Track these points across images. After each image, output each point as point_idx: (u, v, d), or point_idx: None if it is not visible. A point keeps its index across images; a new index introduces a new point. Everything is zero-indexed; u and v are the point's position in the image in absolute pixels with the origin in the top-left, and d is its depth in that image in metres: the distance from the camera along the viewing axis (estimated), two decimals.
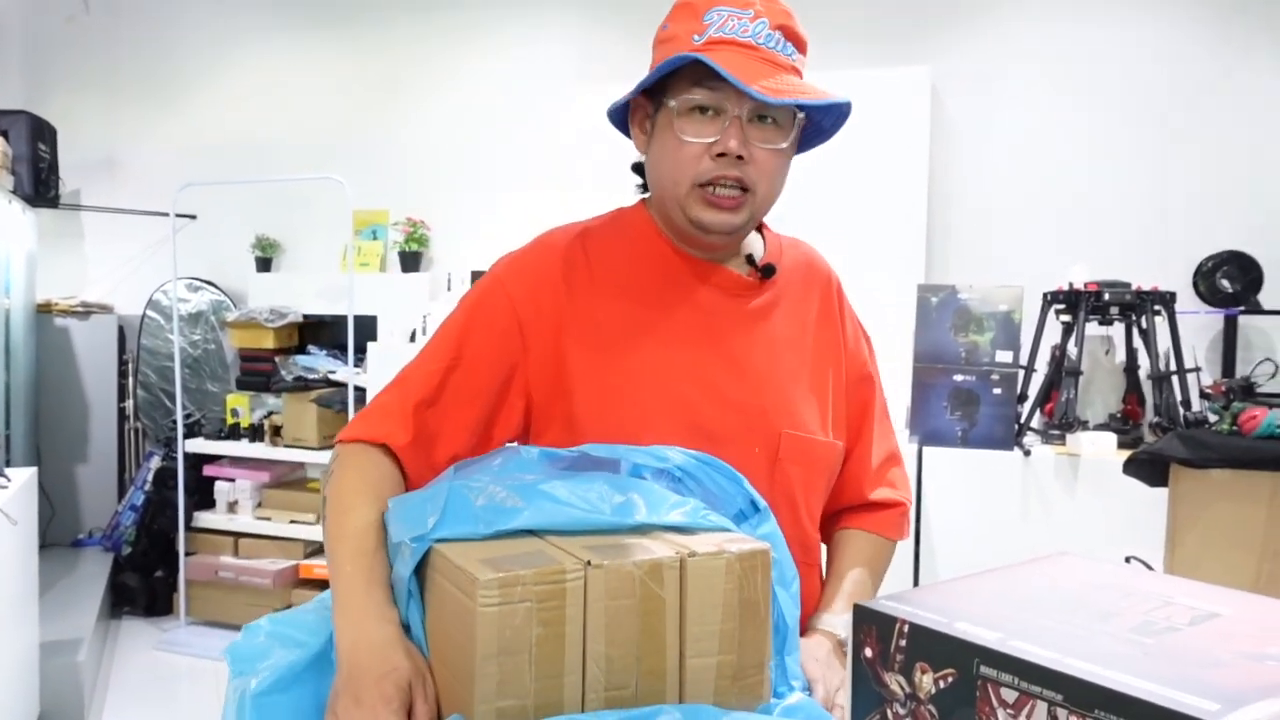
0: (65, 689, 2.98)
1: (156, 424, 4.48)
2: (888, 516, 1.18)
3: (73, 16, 4.79)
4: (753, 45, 0.97)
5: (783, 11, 1.00)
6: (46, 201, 4.25)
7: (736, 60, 0.95)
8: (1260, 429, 2.30)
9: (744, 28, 0.97)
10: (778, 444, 1.04)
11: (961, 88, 3.54)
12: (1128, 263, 3.27)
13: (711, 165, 0.98)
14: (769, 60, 0.97)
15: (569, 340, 1.04)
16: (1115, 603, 0.69)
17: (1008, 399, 2.96)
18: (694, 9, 1.00)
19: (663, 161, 1.03)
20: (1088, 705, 0.54)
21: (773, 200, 1.05)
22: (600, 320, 1.04)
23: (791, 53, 1.00)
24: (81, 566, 4.02)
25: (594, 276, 1.06)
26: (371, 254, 4.24)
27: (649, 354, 1.03)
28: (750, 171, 0.99)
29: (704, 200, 1.00)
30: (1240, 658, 0.59)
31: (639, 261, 1.08)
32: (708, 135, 0.98)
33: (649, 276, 1.07)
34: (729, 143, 0.97)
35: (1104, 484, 2.80)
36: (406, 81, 4.32)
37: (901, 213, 3.42)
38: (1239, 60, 3.25)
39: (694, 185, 0.99)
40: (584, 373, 1.03)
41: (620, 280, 1.06)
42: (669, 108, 0.99)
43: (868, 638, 0.69)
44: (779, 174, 1.03)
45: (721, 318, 1.06)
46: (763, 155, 0.99)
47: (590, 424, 1.02)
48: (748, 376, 1.05)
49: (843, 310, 1.16)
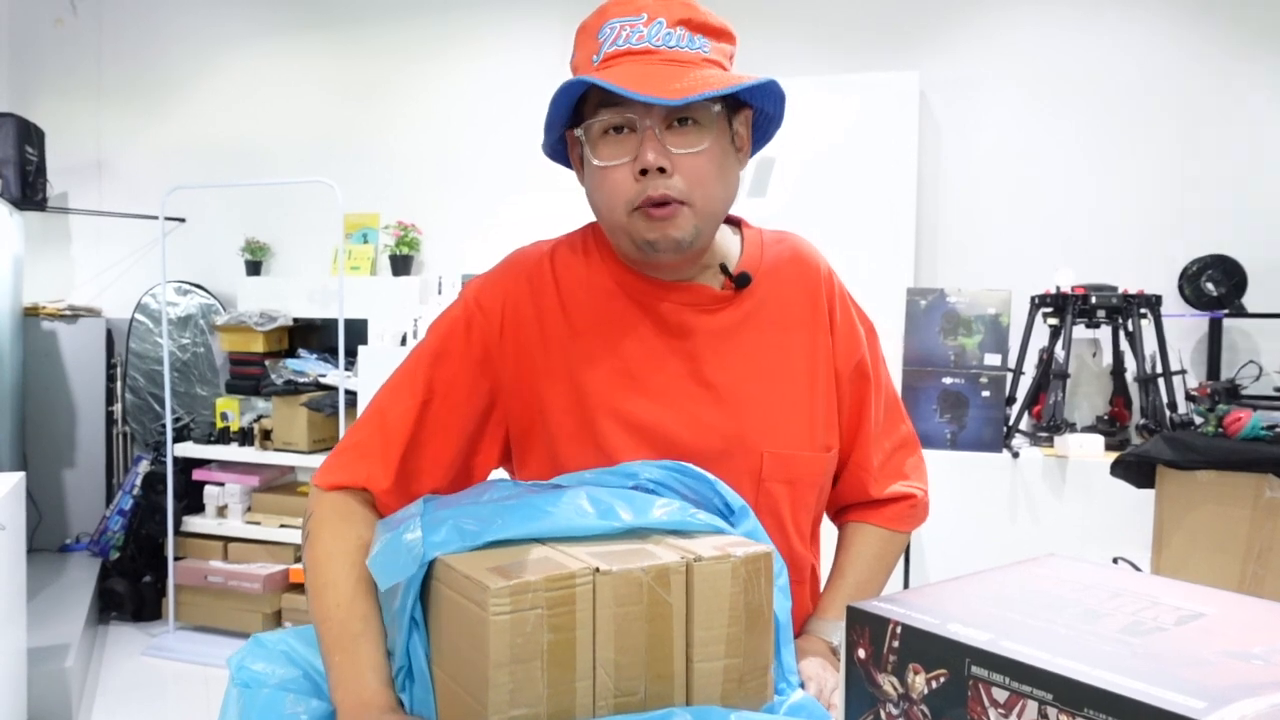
0: (53, 695, 2.97)
1: (145, 428, 4.46)
2: (897, 510, 1.15)
3: (60, 19, 4.77)
4: (650, 49, 0.92)
5: (680, 4, 0.94)
6: (34, 204, 4.23)
7: (631, 71, 0.90)
8: (1245, 431, 2.33)
9: (638, 34, 0.93)
10: (760, 465, 1.01)
11: (950, 93, 3.56)
12: (1114, 266, 3.30)
13: (638, 187, 0.93)
14: (672, 60, 0.92)
15: (540, 370, 1.01)
16: (1103, 603, 0.70)
17: (996, 402, 2.98)
18: (589, 30, 0.97)
19: (594, 193, 0.99)
20: (1077, 704, 0.55)
21: (718, 205, 0.98)
22: (570, 349, 1.01)
23: (702, 45, 0.94)
24: (69, 572, 4.00)
25: (563, 301, 1.03)
26: (362, 257, 4.23)
27: (621, 384, 1.00)
28: (677, 183, 0.92)
29: (645, 217, 0.94)
30: (1225, 657, 0.60)
31: (606, 286, 1.03)
32: (625, 155, 0.93)
33: (616, 301, 1.02)
34: (646, 157, 0.91)
35: (1091, 486, 2.82)
36: (396, 84, 4.31)
37: (890, 217, 3.43)
38: (1223, 65, 3.28)
39: (629, 209, 0.94)
40: (557, 404, 1.01)
41: (588, 306, 1.02)
42: (585, 141, 0.96)
43: (861, 639, 0.70)
44: (713, 176, 0.95)
45: (694, 338, 1.02)
46: (688, 161, 0.93)
47: (570, 456, 1.00)
48: (724, 398, 1.01)
49: (833, 304, 1.09)
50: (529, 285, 1.03)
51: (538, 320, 1.02)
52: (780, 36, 3.73)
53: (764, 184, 3.51)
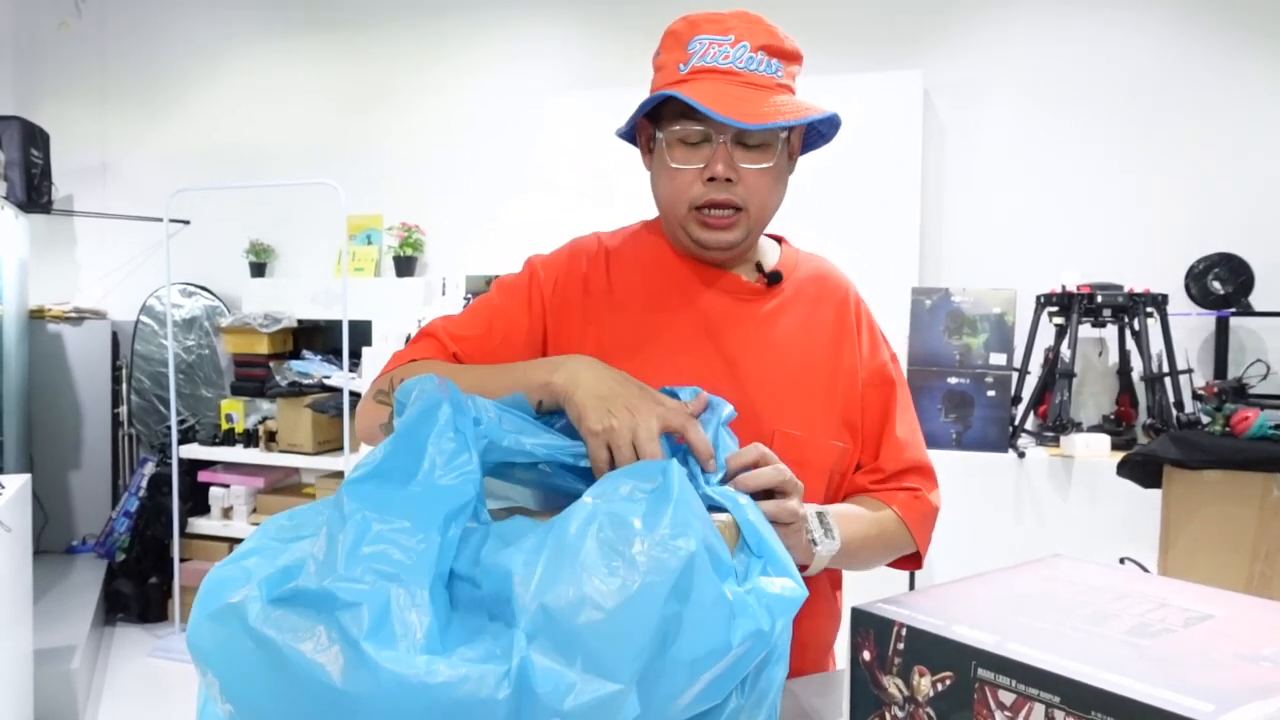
0: (59, 697, 2.98)
1: (150, 430, 4.47)
2: (898, 496, 1.14)
3: (65, 22, 4.78)
4: (733, 71, 1.01)
5: (765, 31, 1.03)
6: (39, 207, 4.24)
7: (715, 90, 0.99)
8: (1252, 430, 2.32)
9: (725, 54, 1.02)
10: (770, 442, 1.03)
11: (954, 92, 3.55)
12: (1120, 265, 3.29)
13: (703, 189, 1.04)
14: (751, 84, 1.01)
15: (575, 326, 1.11)
16: (1110, 605, 0.70)
17: (1001, 401, 2.97)
18: (679, 38, 1.05)
19: (660, 186, 1.09)
20: (1084, 707, 0.55)
21: (769, 213, 1.09)
22: (610, 322, 1.11)
23: (776, 70, 1.03)
24: (75, 573, 4.01)
25: (611, 283, 1.13)
26: (366, 259, 4.23)
27: (651, 355, 1.08)
28: (740, 191, 1.04)
29: (699, 221, 1.06)
30: (1235, 659, 0.59)
31: (650, 269, 1.14)
32: (696, 161, 1.03)
33: (658, 283, 1.13)
34: (716, 168, 1.02)
35: (1098, 486, 2.81)
36: (400, 87, 4.32)
37: (895, 216, 3.43)
38: (1229, 63, 3.27)
39: (690, 208, 1.05)
40: None
41: (632, 287, 1.13)
42: (659, 139, 1.06)
43: (866, 641, 0.70)
44: (771, 190, 1.07)
45: (724, 320, 1.10)
46: (751, 175, 1.04)
47: None
48: (745, 377, 1.08)
49: (859, 321, 1.17)
50: (583, 256, 1.15)
51: (584, 286, 1.12)
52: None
53: None
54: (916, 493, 1.15)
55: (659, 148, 1.07)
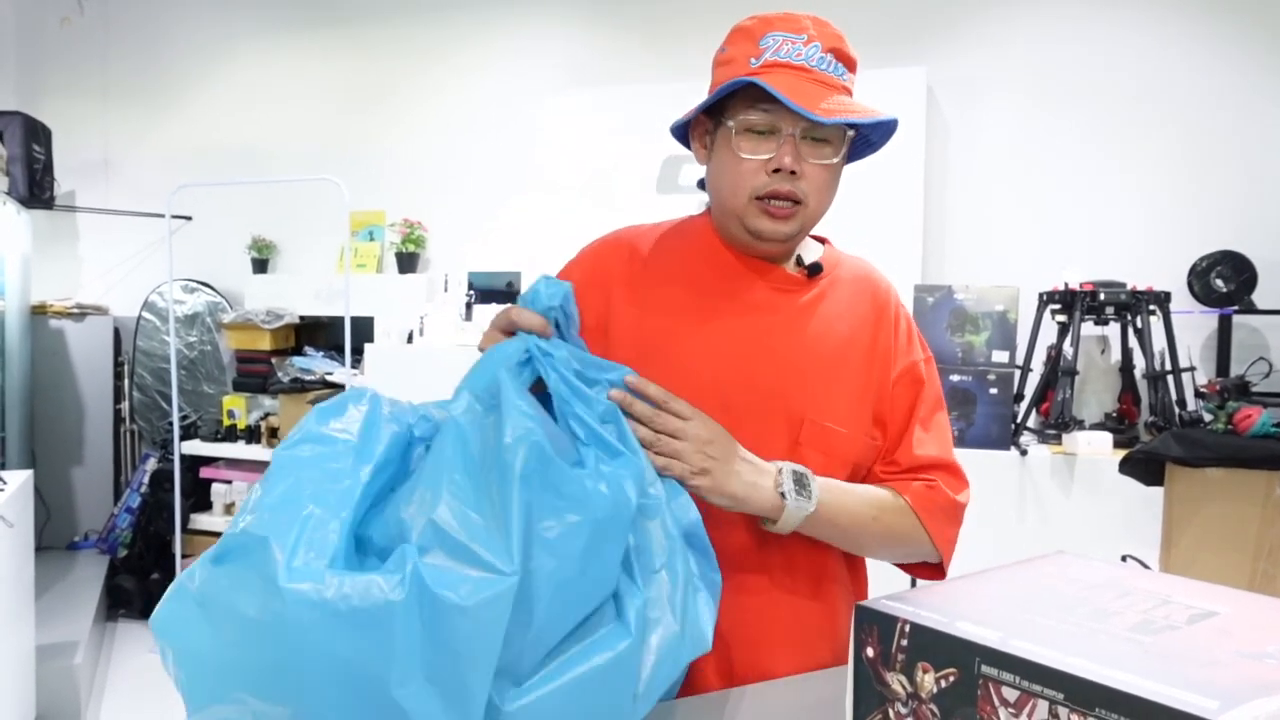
0: (61, 692, 2.98)
1: (152, 426, 4.47)
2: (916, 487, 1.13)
3: (67, 18, 4.78)
4: (806, 68, 1.04)
5: (834, 35, 1.07)
6: (41, 203, 4.24)
7: (790, 83, 1.02)
8: (1255, 428, 2.31)
9: (798, 51, 1.04)
10: (799, 429, 1.08)
11: (957, 89, 3.55)
12: (1122, 263, 3.28)
13: (767, 180, 1.05)
14: (821, 82, 1.04)
15: (618, 308, 1.15)
16: (1114, 602, 0.70)
17: (1004, 399, 2.97)
18: (751, 34, 1.07)
19: (722, 175, 1.10)
20: (1088, 704, 0.55)
21: (823, 210, 1.11)
22: (647, 295, 1.14)
23: (842, 73, 1.07)
24: (77, 569, 4.01)
25: (648, 265, 1.16)
26: (368, 255, 4.23)
27: (681, 330, 1.11)
28: (803, 185, 1.06)
29: (761, 210, 1.07)
30: (1238, 656, 0.59)
31: (693, 255, 1.16)
32: (764, 152, 1.05)
33: (700, 268, 1.15)
34: (784, 159, 1.04)
35: (1100, 483, 2.81)
36: (403, 83, 4.31)
37: (897, 214, 3.42)
38: (1231, 61, 3.26)
39: (752, 198, 1.07)
40: (623, 339, 1.13)
41: (672, 269, 1.15)
42: (728, 127, 1.07)
43: (869, 637, 0.70)
44: (829, 187, 1.10)
45: (764, 309, 1.12)
46: (814, 170, 1.06)
47: None
48: (780, 364, 1.09)
49: (898, 322, 1.18)
50: (627, 248, 1.19)
51: (629, 267, 1.16)
52: None
53: None
54: (932, 484, 1.13)
55: (724, 137, 1.08)
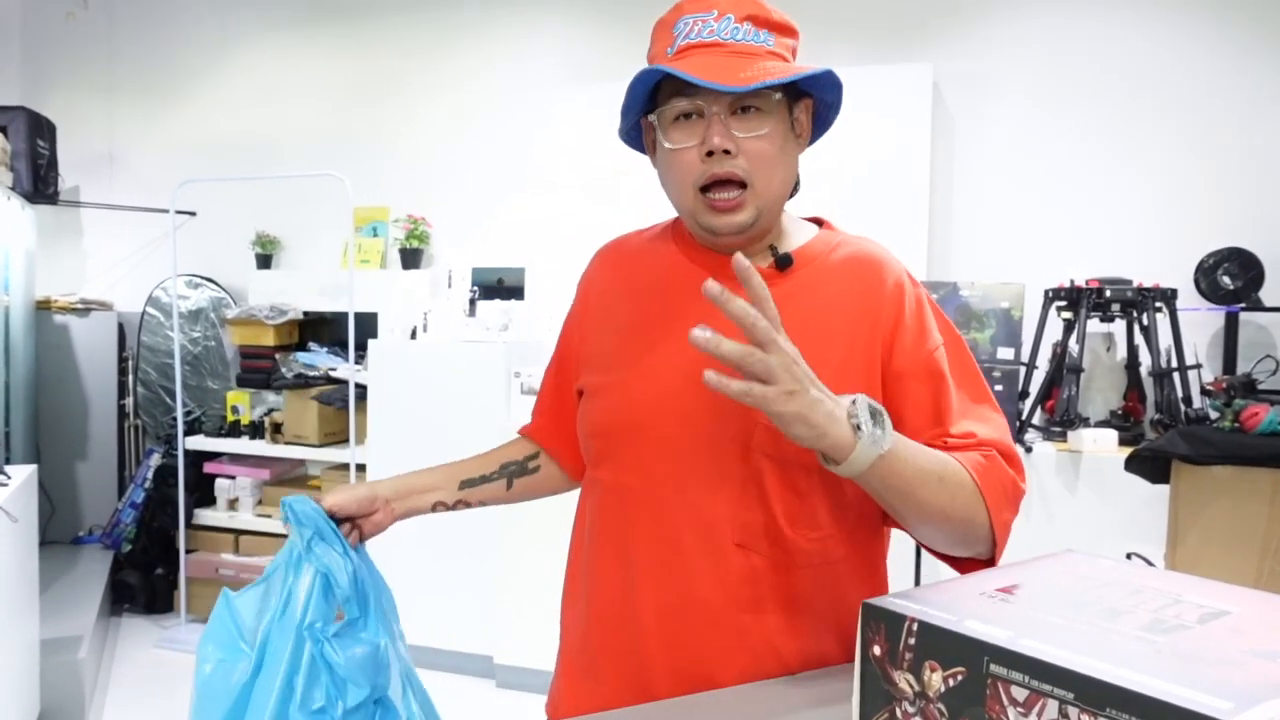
0: (65, 687, 2.98)
1: (157, 421, 4.48)
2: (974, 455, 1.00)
3: (72, 12, 4.78)
4: (719, 43, 1.00)
5: (749, 3, 1.02)
6: (46, 198, 4.24)
7: (703, 61, 0.98)
8: (1262, 426, 2.30)
9: (709, 29, 1.00)
10: (751, 435, 1.01)
11: (963, 85, 3.53)
12: (1128, 259, 3.27)
13: (704, 166, 1.00)
14: (740, 53, 0.99)
15: (590, 339, 1.17)
16: (1124, 600, 0.69)
17: (1009, 396, 2.96)
18: (666, 24, 1.04)
19: (665, 175, 1.07)
20: (1099, 704, 0.54)
21: (778, 189, 1.05)
22: (615, 316, 1.14)
23: (766, 39, 1.01)
24: (81, 564, 4.02)
25: (621, 280, 1.16)
26: (372, 251, 4.23)
27: (649, 343, 1.08)
28: (742, 163, 1.00)
29: (707, 206, 1.03)
30: (1251, 656, 0.59)
31: (660, 261, 1.14)
32: (693, 139, 1.01)
33: (665, 274, 1.12)
34: (713, 140, 0.99)
35: (1105, 481, 2.80)
36: (407, 78, 4.31)
37: (903, 210, 3.41)
38: (1240, 56, 3.24)
39: (695, 191, 1.02)
40: (594, 361, 1.14)
41: (641, 280, 1.14)
42: (657, 125, 1.04)
43: (876, 636, 0.69)
44: (775, 161, 1.02)
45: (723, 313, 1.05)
46: (751, 145, 1.00)
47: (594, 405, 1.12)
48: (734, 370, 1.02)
49: (900, 309, 1.06)
50: (608, 266, 1.21)
51: (600, 295, 1.18)
52: None
53: None
54: (991, 457, 1.00)
55: (656, 135, 1.05)
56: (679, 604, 1.01)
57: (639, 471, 1.05)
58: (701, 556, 1.01)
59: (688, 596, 1.01)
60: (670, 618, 1.02)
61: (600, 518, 1.10)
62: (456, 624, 3.42)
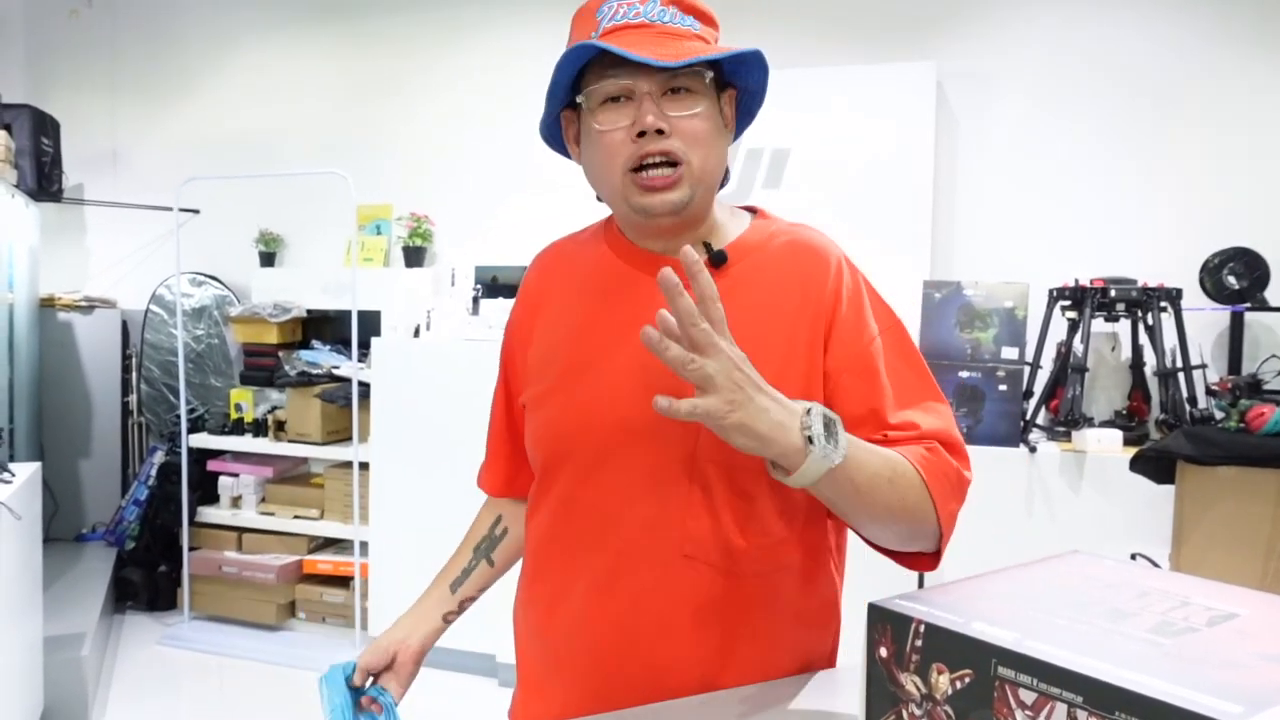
0: (69, 684, 2.99)
1: (160, 419, 4.48)
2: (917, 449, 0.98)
3: (76, 10, 4.78)
4: (646, 24, 0.98)
5: None
6: (49, 196, 4.25)
7: (630, 39, 0.96)
8: (1268, 426, 2.30)
9: (634, 11, 0.99)
10: (696, 442, 0.98)
11: (967, 83, 3.52)
12: (1133, 259, 3.26)
13: (635, 147, 0.97)
14: (666, 34, 0.98)
15: (531, 350, 1.13)
16: (1131, 602, 0.69)
17: (1013, 396, 2.95)
18: (588, 11, 1.02)
19: (593, 160, 1.03)
20: (1108, 707, 0.54)
21: (713, 170, 1.02)
22: (553, 324, 1.11)
23: (691, 23, 1.00)
24: (85, 561, 4.02)
25: (564, 286, 1.13)
26: (375, 249, 4.23)
27: (589, 352, 1.05)
28: (675, 143, 0.97)
29: (639, 185, 0.99)
30: (1260, 659, 0.58)
31: (594, 263, 1.11)
32: (624, 120, 0.98)
33: (601, 278, 1.09)
34: (645, 119, 0.96)
35: (1109, 481, 2.80)
36: (409, 76, 4.31)
37: (906, 209, 3.41)
38: (1245, 55, 3.23)
39: (625, 172, 0.99)
40: (535, 372, 1.11)
41: (574, 285, 1.11)
42: (585, 108, 1.01)
43: (883, 637, 0.69)
44: (708, 140, 1.00)
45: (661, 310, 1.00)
46: (684, 124, 0.98)
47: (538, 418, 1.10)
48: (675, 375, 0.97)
49: (838, 297, 1.03)
50: (540, 278, 1.17)
51: (538, 310, 1.14)
52: (797, 27, 3.70)
53: (779, 175, 3.48)
54: (934, 449, 0.99)
55: (586, 122, 1.01)
56: (630, 615, 1.00)
57: (586, 483, 1.03)
58: (650, 569, 0.99)
59: (638, 606, 1.00)
60: (624, 628, 1.01)
61: (551, 531, 1.09)
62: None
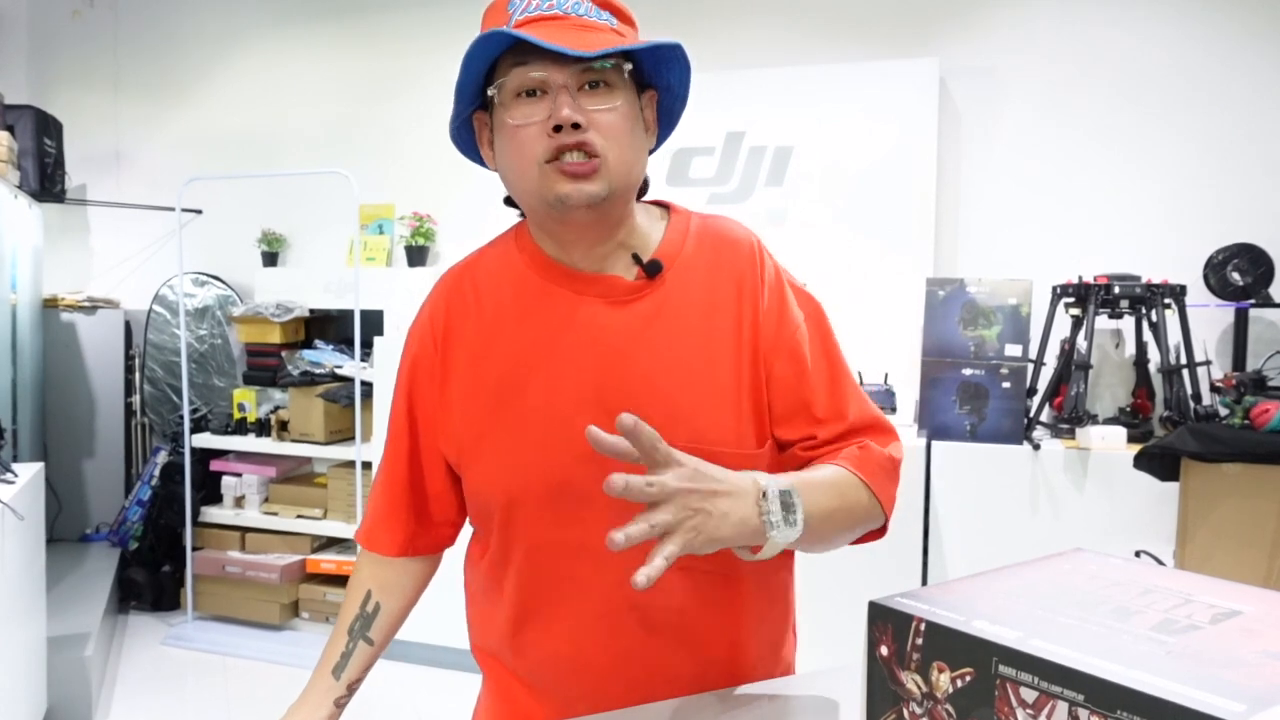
0: (73, 684, 2.99)
1: (163, 419, 4.49)
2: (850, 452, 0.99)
3: (78, 10, 4.79)
4: (560, 15, 0.94)
5: None
6: (52, 196, 4.25)
7: (544, 30, 0.91)
8: (1272, 423, 2.29)
9: (549, 3, 0.94)
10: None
11: (970, 80, 3.52)
12: (1137, 255, 3.25)
13: (551, 141, 0.92)
14: (582, 26, 0.93)
15: (450, 389, 1.04)
16: (1134, 600, 0.68)
17: (1016, 393, 2.95)
18: (499, 5, 0.98)
19: (507, 157, 0.97)
20: (1110, 706, 0.53)
21: (629, 166, 0.96)
22: (475, 361, 1.03)
23: (608, 19, 0.96)
24: (88, 561, 4.03)
25: (482, 314, 1.04)
26: (378, 248, 4.23)
27: (525, 382, 1.00)
28: (593, 137, 0.92)
29: (558, 173, 0.93)
30: (1264, 657, 0.58)
31: (513, 286, 1.04)
32: (539, 114, 0.93)
33: (520, 300, 1.02)
34: (561, 112, 0.91)
35: (1114, 478, 2.79)
36: (411, 75, 4.31)
37: (909, 206, 3.40)
38: (1249, 52, 3.22)
39: (541, 164, 0.93)
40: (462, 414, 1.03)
41: (493, 314, 1.04)
42: (497, 103, 0.96)
43: (883, 636, 0.68)
44: (626, 136, 0.95)
45: (607, 330, 0.99)
46: (602, 118, 0.93)
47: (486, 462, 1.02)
48: (635, 388, 0.96)
49: (759, 285, 1.01)
50: (446, 309, 1.07)
51: (459, 331, 1.05)
52: (799, 24, 3.70)
53: (781, 173, 3.47)
54: (863, 446, 1.00)
55: (499, 118, 0.96)
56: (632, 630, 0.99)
57: (559, 522, 0.98)
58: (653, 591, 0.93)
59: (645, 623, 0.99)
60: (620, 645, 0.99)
61: (530, 580, 1.02)
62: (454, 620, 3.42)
